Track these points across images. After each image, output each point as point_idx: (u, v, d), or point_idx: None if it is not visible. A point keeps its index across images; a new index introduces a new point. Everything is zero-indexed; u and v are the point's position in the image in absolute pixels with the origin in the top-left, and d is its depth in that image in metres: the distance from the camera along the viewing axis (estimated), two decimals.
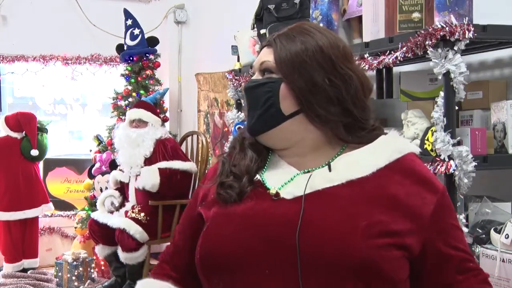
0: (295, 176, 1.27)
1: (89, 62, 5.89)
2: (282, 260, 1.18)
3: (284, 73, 1.25)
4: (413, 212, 1.21)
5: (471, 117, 2.37)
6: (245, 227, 1.23)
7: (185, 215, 1.45)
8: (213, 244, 1.25)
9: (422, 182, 1.25)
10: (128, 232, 4.18)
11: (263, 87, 1.28)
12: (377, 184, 1.22)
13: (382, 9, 2.46)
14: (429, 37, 2.10)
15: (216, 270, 1.24)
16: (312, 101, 1.24)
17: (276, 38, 1.30)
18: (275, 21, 3.15)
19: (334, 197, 1.22)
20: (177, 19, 5.85)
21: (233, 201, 1.27)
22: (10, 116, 5.21)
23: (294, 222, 1.19)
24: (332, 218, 1.19)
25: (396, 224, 1.19)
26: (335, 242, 1.15)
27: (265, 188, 1.28)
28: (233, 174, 1.30)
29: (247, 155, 1.32)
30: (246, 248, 1.21)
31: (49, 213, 5.65)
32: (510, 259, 1.99)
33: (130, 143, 4.41)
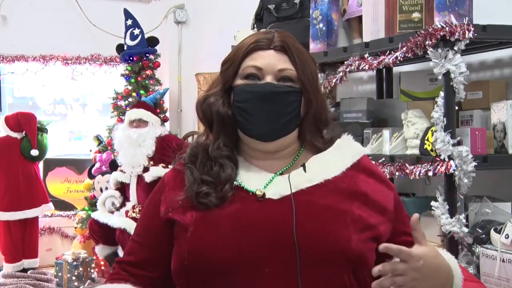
0: (273, 177, 1.33)
1: (89, 62, 5.89)
2: (280, 257, 1.23)
3: (306, 87, 1.34)
4: (381, 207, 1.34)
5: (471, 117, 2.36)
6: (238, 228, 1.26)
7: (145, 224, 1.43)
8: (206, 247, 1.26)
9: (381, 180, 1.40)
10: (128, 232, 4.17)
11: (290, 94, 1.33)
12: (349, 182, 1.34)
13: (382, 9, 2.46)
14: (429, 37, 2.10)
15: (211, 272, 1.25)
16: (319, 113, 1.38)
17: (289, 48, 1.35)
18: (275, 21, 3.15)
19: (317, 195, 1.30)
20: (177, 19, 5.85)
21: (213, 206, 1.30)
22: (10, 116, 5.21)
23: (288, 220, 1.25)
24: (322, 215, 1.27)
25: (371, 218, 1.31)
26: (332, 238, 1.24)
27: (245, 191, 1.32)
28: (206, 183, 1.32)
29: (225, 165, 1.34)
30: (244, 248, 1.24)
31: (49, 213, 5.65)
32: (510, 259, 1.99)
33: (131, 143, 4.40)
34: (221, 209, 1.29)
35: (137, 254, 1.40)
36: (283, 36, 1.37)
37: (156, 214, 1.37)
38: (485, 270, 2.08)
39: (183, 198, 1.33)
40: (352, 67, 2.55)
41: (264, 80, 1.33)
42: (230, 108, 1.36)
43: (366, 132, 2.62)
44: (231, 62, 1.38)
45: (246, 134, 1.35)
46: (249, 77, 1.35)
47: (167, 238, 1.35)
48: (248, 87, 1.33)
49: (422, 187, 2.78)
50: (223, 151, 1.36)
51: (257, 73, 1.34)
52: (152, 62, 5.21)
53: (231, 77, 1.37)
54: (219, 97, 1.37)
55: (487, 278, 2.07)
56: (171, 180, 1.41)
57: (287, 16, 3.13)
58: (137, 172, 4.41)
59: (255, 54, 1.35)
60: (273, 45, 1.35)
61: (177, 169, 1.42)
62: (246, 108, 1.33)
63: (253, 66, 1.34)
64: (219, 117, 1.36)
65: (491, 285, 2.04)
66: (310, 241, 1.23)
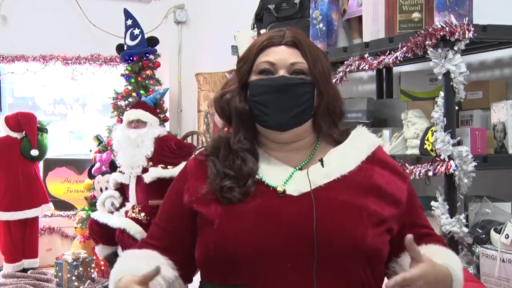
0: (293, 173, 1.39)
1: (89, 62, 5.88)
2: (300, 252, 1.29)
3: (318, 80, 1.40)
4: (395, 199, 1.39)
5: (471, 117, 2.36)
6: (261, 224, 1.32)
7: (168, 210, 1.48)
8: (231, 241, 1.32)
9: (395, 172, 1.45)
10: (128, 232, 4.17)
11: (303, 86, 1.39)
12: (364, 176, 1.39)
13: (382, 9, 2.46)
14: (429, 37, 2.10)
15: (236, 265, 1.31)
16: (332, 104, 1.43)
17: (300, 43, 1.42)
18: (275, 21, 3.15)
19: (335, 191, 1.35)
20: (177, 19, 5.85)
21: (236, 201, 1.35)
22: (10, 116, 5.20)
23: (309, 217, 1.31)
24: (339, 211, 1.33)
25: (385, 211, 1.36)
26: (349, 234, 1.30)
27: (265, 186, 1.37)
28: (229, 177, 1.38)
29: (246, 159, 1.40)
30: (266, 243, 1.30)
31: (49, 213, 5.65)
32: (510, 259, 1.99)
33: (130, 144, 4.40)
34: (244, 204, 1.35)
35: (160, 239, 1.46)
36: (294, 32, 1.45)
37: (180, 203, 1.43)
38: (485, 270, 2.08)
39: (207, 190, 1.38)
40: (352, 67, 2.55)
41: (278, 74, 1.40)
42: (246, 103, 1.42)
43: None
44: (245, 59, 1.45)
45: (262, 126, 1.41)
46: (263, 72, 1.41)
47: (190, 227, 1.41)
48: (263, 81, 1.40)
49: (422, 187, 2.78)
50: (244, 144, 1.42)
51: (271, 68, 1.41)
52: (152, 62, 5.21)
53: (246, 73, 1.44)
54: (236, 94, 1.44)
55: (487, 278, 2.07)
56: (193, 169, 1.46)
57: (287, 16, 3.13)
58: (136, 173, 4.41)
59: (268, 50, 1.42)
60: (284, 41, 1.42)
61: (198, 159, 1.47)
62: (261, 101, 1.39)
63: (266, 61, 1.41)
64: (237, 113, 1.43)
65: (491, 285, 2.04)
66: (328, 236, 1.29)
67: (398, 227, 1.40)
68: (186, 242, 1.43)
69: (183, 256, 1.44)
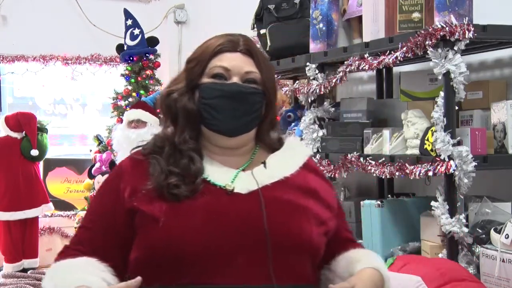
0: (237, 173, 1.42)
1: (89, 62, 5.88)
2: (252, 248, 1.32)
3: (268, 90, 1.45)
4: (328, 204, 1.47)
5: (471, 117, 2.36)
6: (210, 220, 1.33)
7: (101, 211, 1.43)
8: (179, 238, 1.30)
9: (325, 180, 1.54)
10: None
11: (255, 95, 1.43)
12: (303, 180, 1.45)
13: (382, 9, 2.46)
14: (429, 37, 2.10)
15: (185, 262, 1.30)
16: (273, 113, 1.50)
17: (255, 53, 1.45)
18: (275, 21, 3.15)
19: (280, 191, 1.41)
20: (177, 19, 5.85)
21: (183, 198, 1.35)
22: (10, 116, 5.20)
23: (258, 213, 1.34)
24: (287, 209, 1.39)
25: (324, 214, 1.44)
26: (298, 231, 1.37)
27: (212, 185, 1.39)
28: (175, 174, 1.37)
29: (194, 158, 1.40)
30: (216, 240, 1.31)
31: (49, 213, 5.64)
32: (510, 259, 1.99)
33: (130, 144, 4.38)
34: (191, 201, 1.34)
35: (92, 243, 1.40)
36: (248, 40, 1.47)
37: (117, 201, 1.39)
38: (485, 270, 2.08)
39: (149, 188, 1.36)
40: (352, 67, 2.55)
41: (231, 80, 1.42)
42: (195, 104, 1.42)
43: (366, 132, 2.63)
44: (197, 61, 1.45)
45: (210, 130, 1.43)
46: (216, 77, 1.42)
47: (126, 226, 1.37)
48: (217, 85, 1.41)
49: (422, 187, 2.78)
50: (190, 144, 1.42)
51: (224, 73, 1.42)
52: (152, 62, 5.21)
53: (198, 75, 1.44)
54: (183, 93, 1.44)
55: (487, 278, 2.07)
56: (129, 169, 1.44)
57: (287, 16, 3.13)
58: None
59: (222, 55, 1.43)
60: (239, 48, 1.44)
61: (135, 158, 1.46)
62: (213, 104, 1.40)
63: (221, 66, 1.42)
64: (185, 112, 1.43)
65: (491, 285, 2.04)
66: (279, 232, 1.34)
67: (333, 230, 1.47)
68: (122, 244, 1.38)
69: (119, 260, 1.39)
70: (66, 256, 1.40)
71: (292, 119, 3.46)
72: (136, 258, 1.36)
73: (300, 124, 2.96)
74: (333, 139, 2.74)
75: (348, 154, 2.58)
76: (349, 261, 1.46)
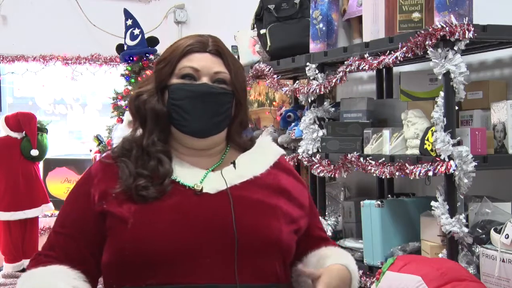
0: (207, 173, 1.42)
1: (89, 62, 5.88)
2: (220, 248, 1.33)
3: (237, 90, 1.45)
4: (300, 202, 1.49)
5: (471, 117, 2.36)
6: (178, 220, 1.34)
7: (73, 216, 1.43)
8: (147, 238, 1.32)
9: (297, 179, 1.54)
10: None
11: (225, 96, 1.43)
12: (273, 179, 1.47)
13: (382, 9, 2.46)
14: (429, 37, 2.10)
15: (153, 262, 1.31)
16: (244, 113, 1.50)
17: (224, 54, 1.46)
18: (275, 21, 3.15)
19: (249, 191, 1.42)
20: (177, 19, 5.85)
21: (152, 199, 1.35)
22: (10, 116, 5.20)
23: (226, 213, 1.36)
24: (256, 209, 1.39)
25: (294, 212, 1.45)
26: (267, 230, 1.38)
27: (181, 186, 1.39)
28: (143, 176, 1.37)
29: (162, 160, 1.40)
30: (184, 240, 1.32)
31: (49, 213, 5.64)
32: (510, 259, 1.99)
33: None
34: (159, 202, 1.36)
35: (62, 248, 1.40)
36: (217, 41, 1.50)
37: (87, 206, 1.39)
38: (485, 270, 2.08)
39: (118, 190, 1.37)
40: (352, 67, 2.55)
41: (200, 81, 1.42)
42: (164, 106, 1.42)
43: (366, 132, 2.62)
44: (166, 61, 1.45)
45: (180, 131, 1.42)
46: (186, 77, 1.43)
47: (98, 230, 1.38)
48: (186, 85, 1.41)
49: (422, 187, 2.78)
50: (158, 146, 1.42)
51: (194, 73, 1.43)
52: (152, 62, 5.20)
53: (167, 76, 1.43)
54: (153, 94, 1.43)
55: (487, 278, 2.07)
56: (99, 172, 1.44)
57: (287, 16, 3.12)
58: None
59: (191, 56, 1.44)
60: (208, 48, 1.46)
61: (104, 162, 1.45)
62: (182, 105, 1.40)
63: (190, 67, 1.43)
64: (153, 114, 1.42)
65: (491, 285, 2.04)
66: (248, 232, 1.35)
67: (304, 228, 1.50)
68: (95, 248, 1.39)
69: (92, 265, 1.40)
70: (37, 264, 1.40)
71: (292, 119, 3.46)
72: (107, 260, 1.37)
73: (300, 124, 2.96)
74: (333, 139, 2.74)
75: (348, 154, 2.58)
76: (319, 257, 1.48)
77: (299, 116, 3.35)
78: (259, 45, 3.29)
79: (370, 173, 2.45)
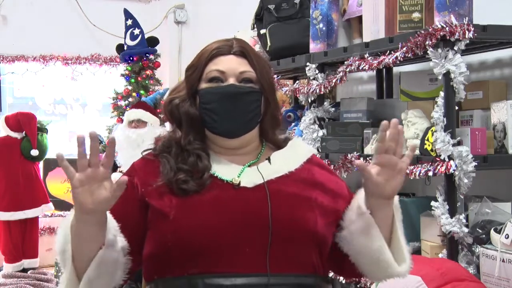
0: (244, 169, 1.46)
1: (89, 62, 5.89)
2: (256, 239, 1.36)
3: (265, 89, 1.48)
4: (337, 192, 1.51)
5: (471, 117, 2.36)
6: (218, 213, 1.38)
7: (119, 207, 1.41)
8: (189, 229, 1.36)
9: (332, 172, 1.59)
10: None
11: (252, 94, 1.46)
12: (308, 174, 1.50)
13: (382, 9, 2.46)
14: (429, 37, 2.11)
15: (194, 253, 1.35)
16: (275, 112, 1.53)
17: (248, 53, 1.48)
18: (275, 21, 3.15)
19: (285, 185, 1.45)
20: (177, 19, 5.85)
21: (193, 193, 1.40)
22: (10, 116, 5.20)
23: (264, 206, 1.39)
24: (291, 201, 1.42)
25: (330, 203, 1.47)
26: (302, 221, 1.40)
27: (219, 180, 1.43)
28: (184, 171, 1.42)
29: (201, 156, 1.45)
30: (224, 231, 1.36)
31: (49, 213, 5.65)
32: (510, 259, 1.99)
33: (130, 144, 4.39)
34: (200, 196, 1.40)
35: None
36: (242, 42, 1.52)
37: (133, 196, 1.44)
38: (485, 270, 2.08)
39: (159, 184, 1.42)
40: (352, 67, 2.55)
41: (227, 82, 1.46)
42: (197, 110, 1.47)
43: (366, 132, 2.63)
44: (195, 68, 1.51)
45: (212, 132, 1.47)
46: (213, 80, 1.47)
47: (143, 220, 1.42)
48: (213, 89, 1.46)
49: (422, 187, 2.78)
50: (195, 145, 1.47)
51: (220, 76, 1.47)
52: (152, 62, 5.21)
53: (196, 81, 1.50)
54: (185, 100, 1.49)
55: (487, 278, 2.07)
56: (142, 167, 1.51)
57: (287, 16, 3.13)
58: None
59: (217, 59, 1.48)
60: (232, 50, 1.49)
61: (146, 158, 1.53)
62: (212, 108, 1.45)
63: (216, 70, 1.47)
64: (188, 117, 1.48)
65: (491, 285, 2.04)
66: (283, 223, 1.38)
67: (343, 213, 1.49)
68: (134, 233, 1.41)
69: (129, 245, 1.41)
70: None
71: (292, 119, 3.47)
72: (149, 252, 1.42)
73: (300, 124, 2.96)
74: (333, 139, 2.75)
75: (348, 154, 2.58)
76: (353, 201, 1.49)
77: (299, 116, 3.35)
78: (259, 45, 3.30)
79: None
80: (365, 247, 1.43)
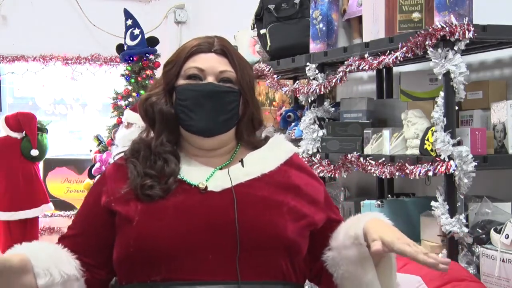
0: (214, 172, 1.44)
1: (89, 62, 5.88)
2: (223, 245, 1.34)
3: (244, 89, 1.45)
4: (312, 198, 1.47)
5: (471, 117, 2.36)
6: (183, 218, 1.36)
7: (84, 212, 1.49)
8: (152, 235, 1.35)
9: (311, 175, 1.54)
10: None
11: (231, 94, 1.44)
12: (283, 176, 1.46)
13: (382, 9, 2.46)
14: (429, 37, 2.11)
15: (157, 259, 1.34)
16: (253, 112, 1.49)
17: (229, 53, 1.46)
18: (275, 21, 3.15)
19: (255, 188, 1.42)
20: (177, 19, 5.85)
21: (158, 198, 1.38)
22: (10, 116, 5.20)
23: (230, 210, 1.36)
24: (260, 205, 1.39)
25: (304, 208, 1.43)
26: (270, 226, 1.37)
27: (187, 184, 1.41)
28: (150, 176, 1.41)
29: (169, 160, 1.43)
30: (188, 237, 1.34)
31: (49, 213, 5.65)
32: (510, 259, 1.99)
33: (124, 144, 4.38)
34: (165, 201, 1.38)
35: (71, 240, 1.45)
36: (223, 41, 1.50)
37: (97, 203, 1.44)
38: (485, 270, 2.08)
39: (126, 190, 1.41)
40: (352, 67, 2.55)
41: (206, 81, 1.44)
42: (172, 107, 1.44)
43: (366, 132, 2.63)
44: (173, 63, 1.48)
45: (188, 131, 1.44)
46: (192, 78, 1.45)
47: (107, 227, 1.42)
48: (191, 86, 1.43)
49: (422, 187, 2.78)
50: (166, 147, 1.45)
51: (199, 74, 1.44)
52: (152, 62, 5.21)
53: (174, 77, 1.47)
54: (161, 97, 1.47)
55: (487, 278, 2.07)
56: (112, 173, 1.49)
57: (287, 16, 3.13)
58: None
59: (196, 56, 1.46)
60: (213, 48, 1.47)
61: (118, 163, 1.50)
62: (189, 105, 1.42)
63: (195, 67, 1.45)
64: (162, 115, 1.45)
65: (491, 285, 2.04)
66: (250, 228, 1.35)
67: (321, 223, 1.47)
68: (103, 245, 1.43)
69: (102, 260, 1.44)
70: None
71: (292, 119, 3.46)
72: (116, 257, 1.42)
73: (300, 124, 2.96)
74: (333, 139, 2.74)
75: (348, 154, 2.58)
76: (348, 225, 1.43)
77: (299, 116, 3.35)
78: (259, 45, 3.29)
79: (370, 173, 2.45)
80: (355, 276, 1.38)
